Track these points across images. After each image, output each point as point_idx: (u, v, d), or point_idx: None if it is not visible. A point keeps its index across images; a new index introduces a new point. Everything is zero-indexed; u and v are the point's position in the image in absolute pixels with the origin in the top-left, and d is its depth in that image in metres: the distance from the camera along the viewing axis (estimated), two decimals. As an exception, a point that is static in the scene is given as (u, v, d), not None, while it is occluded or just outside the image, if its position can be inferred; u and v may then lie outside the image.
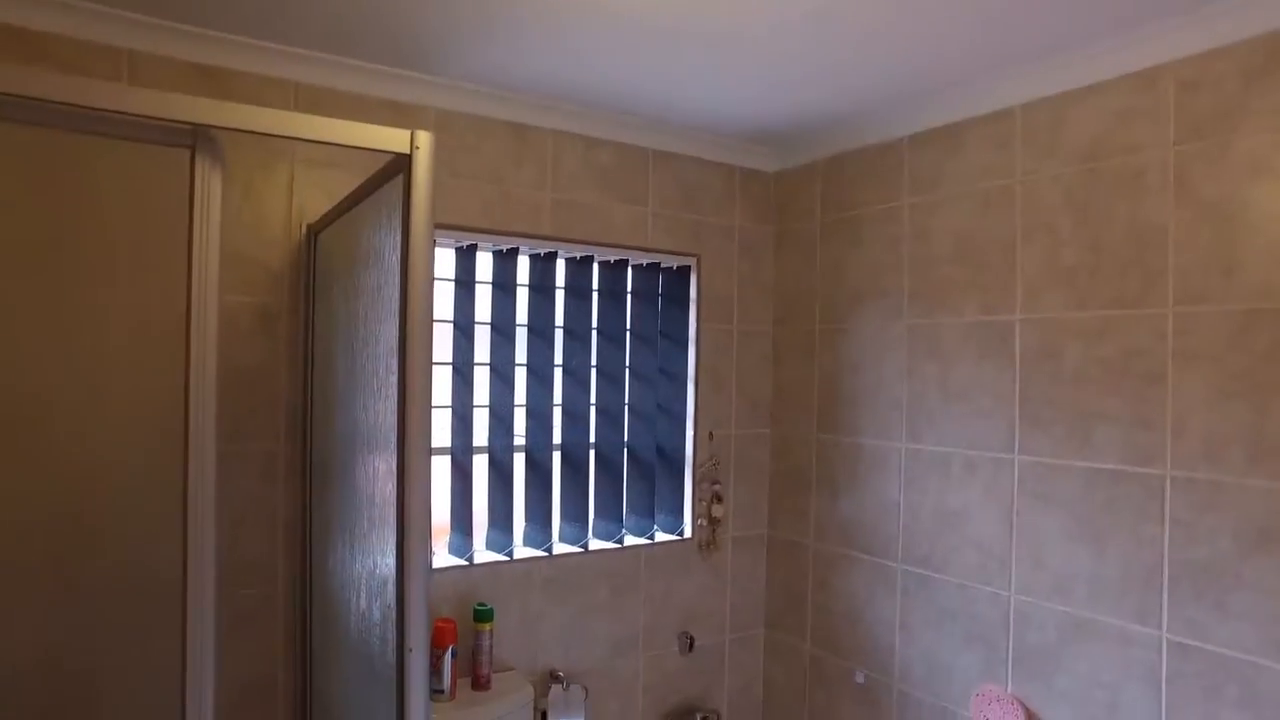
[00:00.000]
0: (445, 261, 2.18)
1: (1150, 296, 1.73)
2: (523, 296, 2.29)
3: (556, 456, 2.35)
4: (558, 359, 2.34)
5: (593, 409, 2.41)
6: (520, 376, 2.28)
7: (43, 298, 1.12)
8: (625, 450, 2.48)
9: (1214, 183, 1.63)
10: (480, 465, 2.23)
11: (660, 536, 2.53)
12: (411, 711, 1.17)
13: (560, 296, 2.36)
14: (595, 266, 2.42)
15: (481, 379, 2.23)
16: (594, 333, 2.41)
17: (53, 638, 1.12)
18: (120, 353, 1.17)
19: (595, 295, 2.42)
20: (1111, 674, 1.79)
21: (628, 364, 2.48)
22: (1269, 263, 1.55)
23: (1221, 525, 1.61)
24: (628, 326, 2.47)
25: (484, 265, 2.25)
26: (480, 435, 2.23)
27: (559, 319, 2.35)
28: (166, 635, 1.21)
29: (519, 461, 2.29)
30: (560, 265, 2.36)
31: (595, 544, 2.41)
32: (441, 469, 2.15)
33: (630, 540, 2.47)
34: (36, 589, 1.10)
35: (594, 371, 2.41)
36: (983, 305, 2.07)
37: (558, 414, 2.35)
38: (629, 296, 2.48)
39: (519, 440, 2.29)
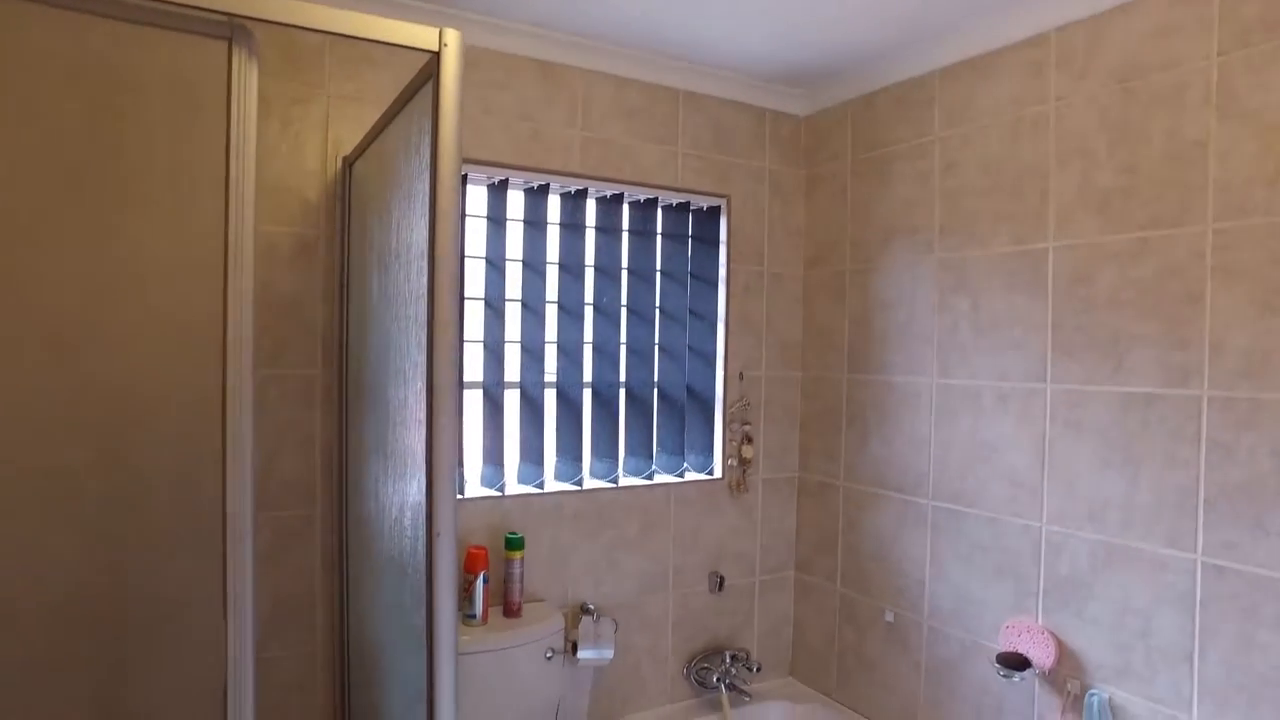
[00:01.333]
0: (477, 199, 2.21)
1: (1189, 215, 1.69)
2: (553, 235, 2.31)
3: (587, 394, 2.38)
4: (588, 297, 2.37)
5: (623, 347, 2.43)
6: (551, 313, 2.31)
7: (83, 219, 1.16)
8: (655, 389, 2.50)
9: (1261, 91, 1.58)
10: (512, 400, 2.26)
11: (690, 475, 2.55)
12: (440, 592, 1.21)
13: (591, 235, 2.38)
14: (625, 206, 2.43)
15: (513, 315, 2.26)
16: (624, 272, 2.43)
17: (95, 557, 1.16)
18: (160, 274, 1.20)
19: (625, 235, 2.43)
20: (1143, 600, 1.77)
21: (658, 303, 2.49)
22: (1312, 171, 1.51)
23: (1261, 444, 1.58)
24: (658, 266, 2.49)
25: (515, 203, 2.28)
26: (512, 371, 2.26)
27: (589, 257, 2.37)
28: (207, 555, 1.25)
29: (550, 397, 2.32)
30: (590, 204, 2.38)
31: (625, 480, 2.43)
32: (474, 403, 2.19)
33: (660, 478, 2.49)
34: (78, 507, 1.15)
35: (624, 310, 2.43)
36: (1014, 235, 2.04)
37: (588, 351, 2.37)
38: (659, 237, 2.49)
39: (549, 376, 2.32)
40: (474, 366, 2.20)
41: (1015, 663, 1.96)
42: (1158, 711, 1.74)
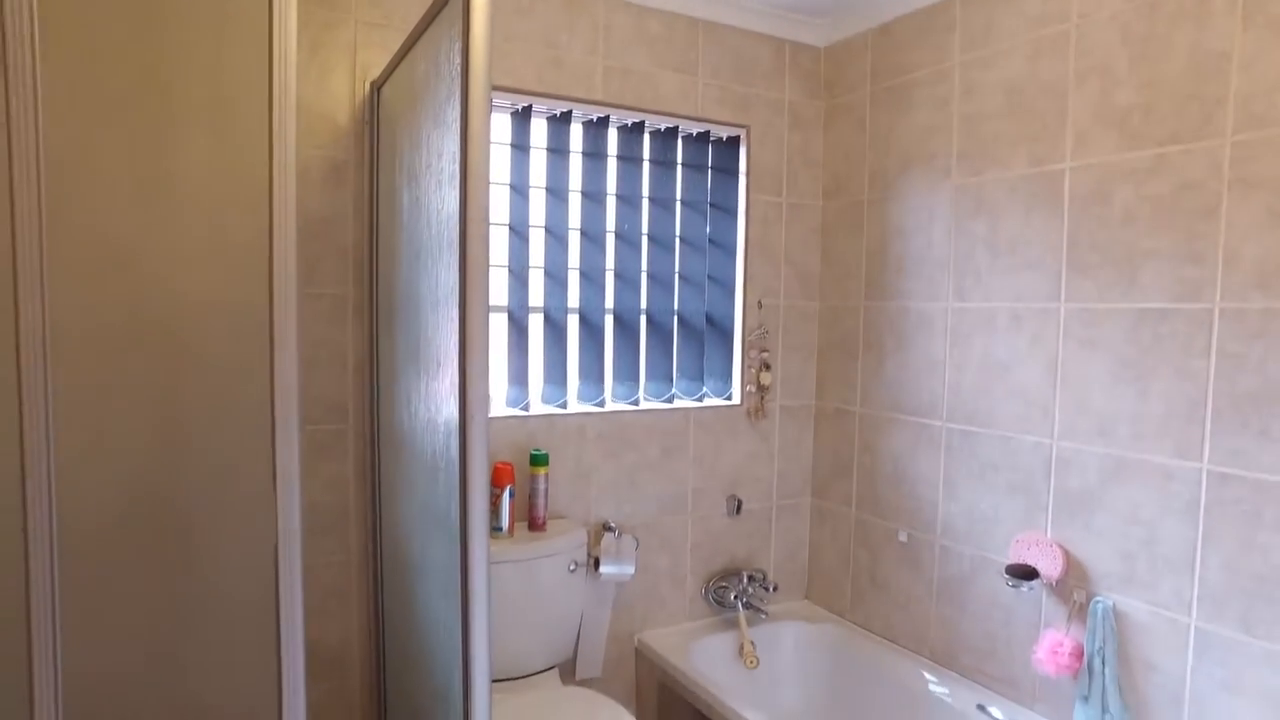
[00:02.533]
0: (500, 125, 2.25)
1: (1208, 128, 1.70)
2: (576, 163, 2.35)
3: (609, 319, 2.44)
4: (610, 224, 2.41)
5: (644, 274, 2.48)
6: (574, 240, 2.36)
7: (133, 143, 1.21)
8: (675, 316, 2.55)
9: None
10: (536, 324, 2.33)
11: (709, 401, 2.61)
12: (473, 475, 1.28)
13: (612, 164, 2.41)
14: (646, 135, 2.46)
15: (537, 241, 2.31)
16: (645, 200, 2.47)
17: (148, 465, 1.24)
18: (207, 193, 1.26)
19: (646, 164, 2.47)
20: (1149, 510, 1.81)
21: (678, 232, 2.53)
22: (1330, 78, 1.52)
23: (1271, 352, 1.61)
24: (678, 196, 2.52)
25: (538, 131, 2.32)
26: (536, 296, 2.32)
27: (611, 185, 2.41)
28: (257, 463, 1.32)
29: (573, 322, 2.38)
30: (612, 133, 2.41)
31: (646, 403, 2.50)
32: (499, 326, 2.26)
33: (680, 402, 2.56)
34: (131, 418, 1.22)
35: (645, 238, 2.48)
36: (1032, 157, 2.05)
37: (610, 278, 2.42)
38: (679, 166, 2.52)
39: (573, 302, 2.38)
40: (499, 291, 2.26)
41: (1023, 573, 2.02)
42: (1159, 615, 1.79)
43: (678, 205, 2.53)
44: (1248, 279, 1.64)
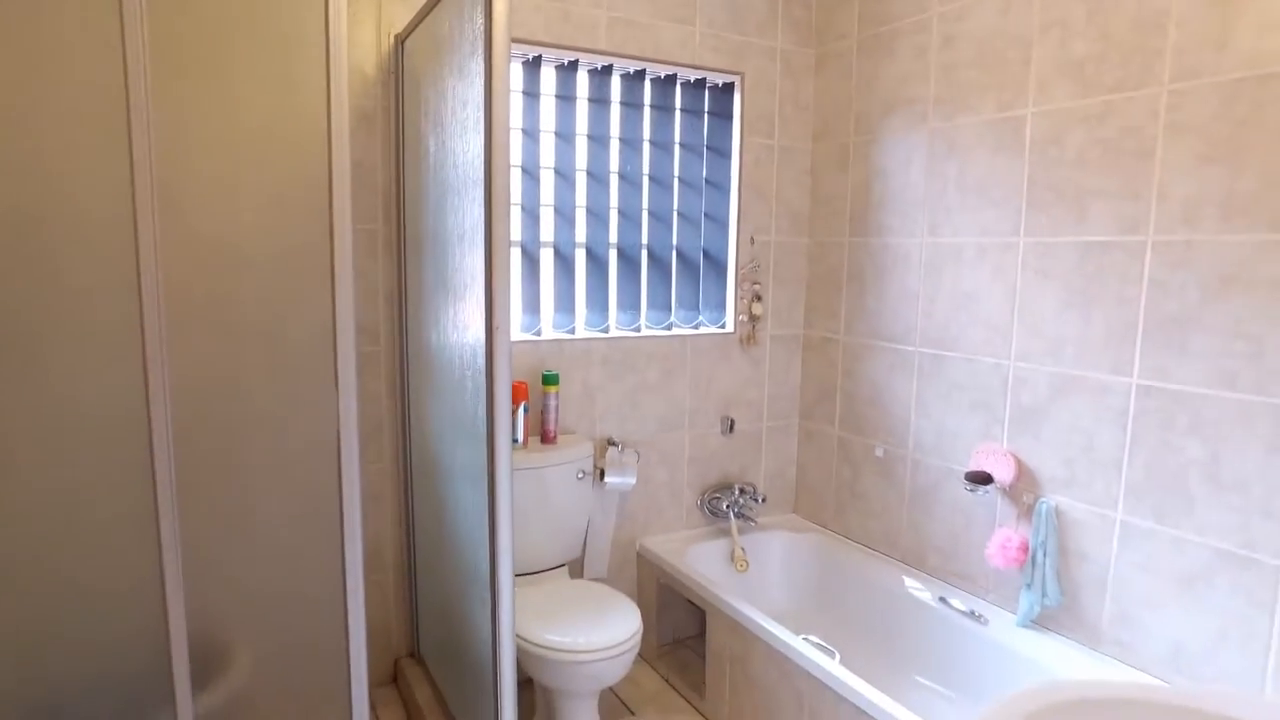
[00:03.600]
0: (514, 75, 2.45)
1: (1148, 77, 1.90)
2: (582, 109, 2.56)
3: (613, 253, 2.67)
4: (614, 166, 2.62)
5: (645, 212, 2.70)
6: (581, 180, 2.57)
7: (204, 94, 1.41)
8: (674, 250, 2.78)
9: (1210, -38, 1.76)
10: (546, 257, 2.56)
11: (705, 329, 2.86)
12: (498, 375, 1.53)
13: (616, 109, 2.61)
14: (647, 82, 2.66)
15: (547, 181, 2.53)
16: (646, 143, 2.67)
17: (238, 375, 1.46)
18: (268, 137, 1.46)
19: (647, 109, 2.67)
20: (1088, 420, 2.06)
21: (676, 173, 2.74)
22: (1257, 31, 1.71)
23: (1190, 279, 1.83)
24: (677, 139, 2.73)
25: (547, 79, 2.51)
26: (546, 231, 2.55)
27: (615, 129, 2.62)
28: (320, 377, 1.56)
29: (580, 256, 2.61)
30: (616, 80, 2.61)
31: (647, 330, 2.75)
32: (514, 259, 2.49)
33: (678, 329, 2.80)
34: (223, 336, 1.44)
35: (646, 178, 2.69)
36: (999, 103, 2.25)
37: (614, 215, 2.65)
38: (678, 111, 2.72)
39: (580, 237, 2.60)
40: (514, 227, 2.48)
41: (980, 479, 2.28)
42: (1091, 511, 2.06)
43: (676, 148, 2.73)
44: (1175, 214, 1.86)
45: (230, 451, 1.48)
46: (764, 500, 2.96)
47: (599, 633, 2.08)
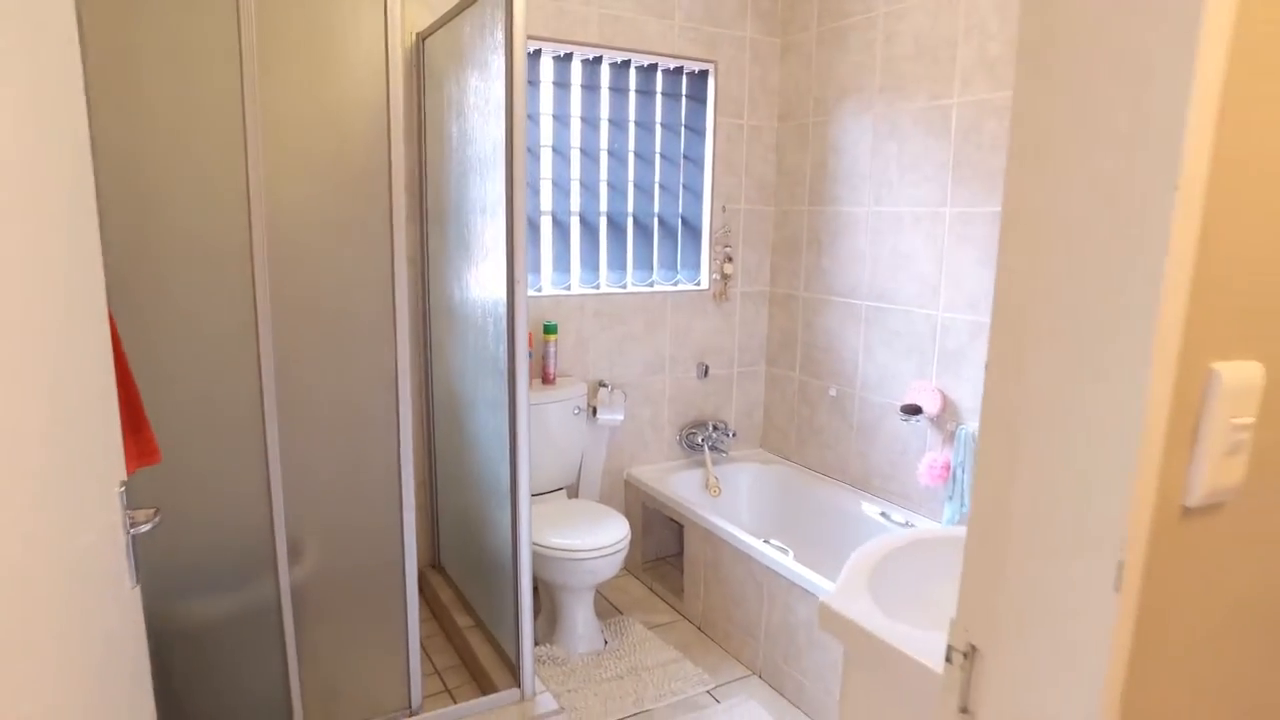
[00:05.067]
0: (516, 63, 2.81)
1: (1045, 77, 2.31)
2: (576, 94, 2.93)
3: (603, 220, 3.07)
4: (604, 144, 3.01)
5: (630, 184, 3.10)
6: (575, 157, 2.96)
7: (277, 86, 1.78)
8: (655, 217, 3.18)
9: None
10: (546, 224, 2.95)
11: (683, 286, 3.27)
12: (518, 318, 1.94)
13: (605, 94, 2.99)
14: (632, 70, 3.03)
15: (546, 158, 2.91)
16: (631, 124, 3.06)
17: (318, 318, 1.85)
18: (317, 129, 1.83)
19: (632, 94, 3.05)
20: (998, 359, 2.51)
21: (658, 150, 3.13)
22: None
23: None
24: (658, 120, 3.11)
25: (546, 68, 2.88)
26: (545, 201, 2.94)
27: (604, 112, 3.00)
28: (382, 323, 1.94)
29: (574, 222, 3.01)
30: (605, 69, 2.98)
31: (632, 287, 3.16)
32: (517, 225, 2.89)
33: (659, 287, 3.22)
34: (309, 286, 1.83)
35: (631, 155, 3.08)
36: (931, 94, 2.66)
37: (604, 188, 3.04)
38: (659, 95, 3.10)
39: (574, 206, 3.00)
40: (517, 198, 2.87)
41: (913, 410, 2.73)
42: (998, 432, 2.51)
43: (658, 128, 3.12)
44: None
45: (319, 374, 1.88)
46: (734, 435, 3.41)
47: (595, 536, 2.53)
